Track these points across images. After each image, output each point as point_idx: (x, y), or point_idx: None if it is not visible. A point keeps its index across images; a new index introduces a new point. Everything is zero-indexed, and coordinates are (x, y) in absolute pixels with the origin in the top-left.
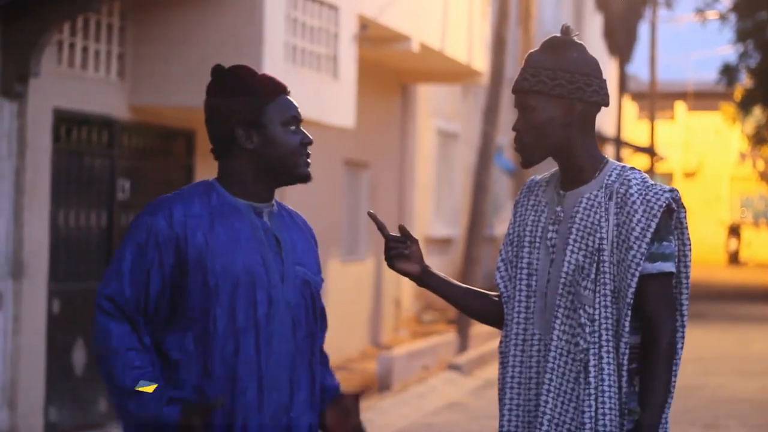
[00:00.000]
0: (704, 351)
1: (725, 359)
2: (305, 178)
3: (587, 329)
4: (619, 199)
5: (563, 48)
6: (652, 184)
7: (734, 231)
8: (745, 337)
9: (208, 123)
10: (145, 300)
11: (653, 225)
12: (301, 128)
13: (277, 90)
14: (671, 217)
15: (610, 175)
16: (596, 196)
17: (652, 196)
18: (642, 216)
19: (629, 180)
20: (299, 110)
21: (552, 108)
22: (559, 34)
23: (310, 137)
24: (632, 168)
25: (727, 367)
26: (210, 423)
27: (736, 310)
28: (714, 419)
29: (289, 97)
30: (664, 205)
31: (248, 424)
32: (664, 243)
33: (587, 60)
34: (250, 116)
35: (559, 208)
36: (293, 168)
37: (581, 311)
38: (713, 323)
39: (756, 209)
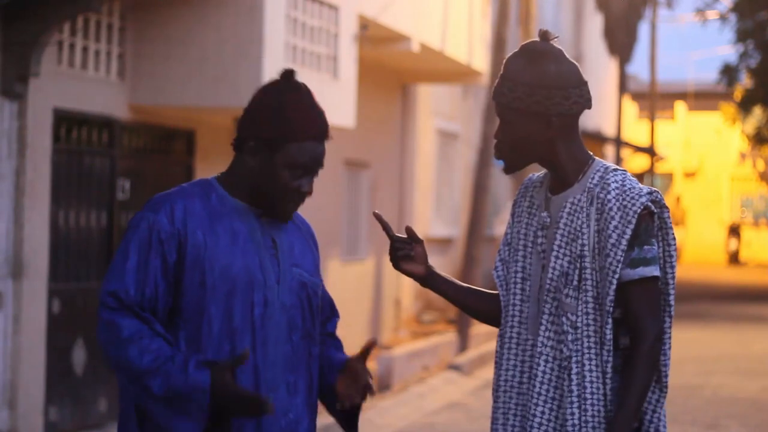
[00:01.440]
0: (704, 351)
1: (725, 359)
2: (282, 220)
3: (570, 336)
4: (599, 205)
5: (541, 59)
6: (630, 188)
7: (734, 231)
8: (745, 337)
9: (242, 113)
10: (151, 298)
11: (628, 232)
12: (310, 176)
13: (310, 134)
14: (652, 219)
15: (593, 178)
16: (579, 200)
17: (629, 201)
18: (618, 222)
19: (609, 184)
20: (320, 160)
21: (530, 124)
22: (538, 39)
23: (310, 188)
24: (615, 169)
25: (727, 367)
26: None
27: (736, 310)
28: (714, 419)
29: (320, 144)
30: (639, 210)
31: (245, 426)
32: (645, 247)
33: (564, 72)
34: (267, 141)
35: (545, 214)
36: (278, 206)
37: (564, 318)
38: (713, 323)
39: (756, 209)
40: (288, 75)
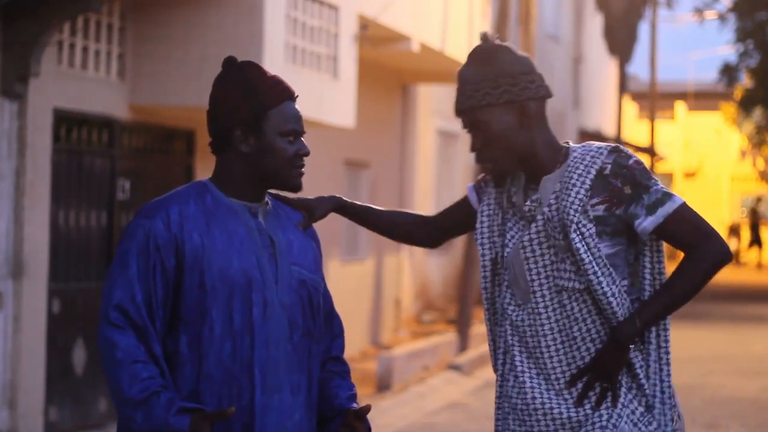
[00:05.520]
0: (704, 351)
1: (725, 359)
2: (295, 189)
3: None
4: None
5: (493, 55)
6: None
7: (734, 231)
8: (745, 337)
9: (209, 116)
10: (155, 305)
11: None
12: (301, 138)
13: (283, 96)
14: (640, 166)
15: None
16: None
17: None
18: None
19: (575, 150)
20: (302, 120)
21: (506, 116)
22: (481, 43)
23: (307, 148)
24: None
25: (727, 367)
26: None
27: (736, 310)
28: (714, 419)
29: (294, 103)
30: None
31: (247, 427)
32: (652, 188)
33: (521, 59)
34: (251, 119)
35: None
36: (285, 178)
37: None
38: (713, 323)
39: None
40: (230, 60)
